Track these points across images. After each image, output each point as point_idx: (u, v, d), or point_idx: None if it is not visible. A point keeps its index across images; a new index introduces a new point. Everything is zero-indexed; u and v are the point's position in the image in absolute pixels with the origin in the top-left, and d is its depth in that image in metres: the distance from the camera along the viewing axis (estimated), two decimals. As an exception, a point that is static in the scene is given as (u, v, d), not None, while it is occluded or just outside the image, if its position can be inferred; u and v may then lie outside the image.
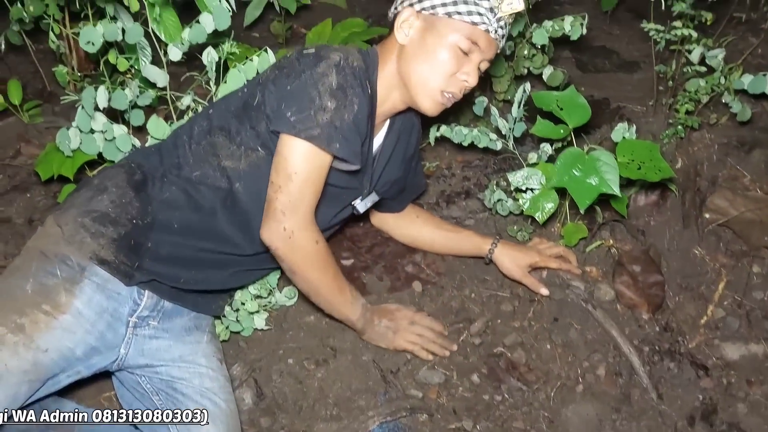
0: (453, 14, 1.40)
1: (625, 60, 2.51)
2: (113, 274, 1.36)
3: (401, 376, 1.59)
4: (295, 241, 1.37)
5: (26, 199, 1.92)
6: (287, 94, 1.35)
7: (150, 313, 1.44)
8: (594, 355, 1.66)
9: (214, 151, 1.43)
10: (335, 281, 1.49)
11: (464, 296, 1.76)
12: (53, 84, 2.27)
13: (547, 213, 1.70)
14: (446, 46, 1.42)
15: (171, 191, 1.42)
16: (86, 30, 1.56)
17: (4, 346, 1.25)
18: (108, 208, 1.39)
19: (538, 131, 1.69)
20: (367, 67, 1.45)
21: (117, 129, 1.67)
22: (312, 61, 1.36)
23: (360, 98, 1.37)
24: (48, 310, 1.30)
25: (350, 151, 1.37)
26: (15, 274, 1.35)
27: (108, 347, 1.38)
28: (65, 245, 1.35)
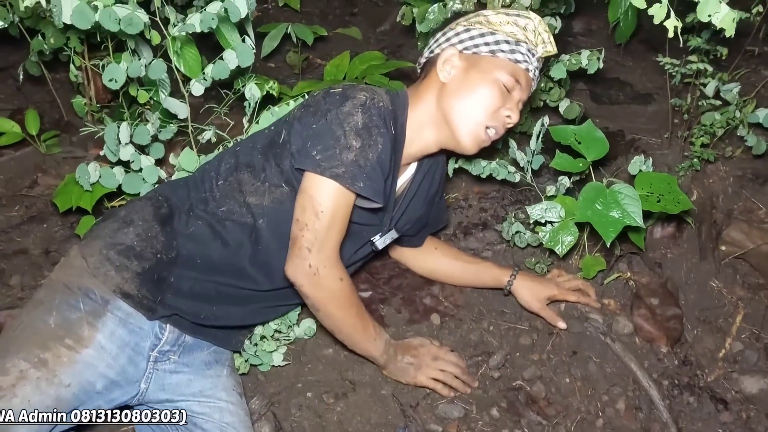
0: (497, 52, 1.45)
1: (639, 92, 2.54)
2: (136, 308, 1.36)
3: (421, 410, 1.58)
4: (320, 278, 1.38)
5: (43, 230, 1.93)
6: (313, 132, 1.36)
7: (171, 348, 1.44)
8: (613, 388, 1.65)
9: (240, 188, 1.44)
10: (359, 318, 1.49)
11: (483, 329, 1.75)
12: (70, 114, 2.30)
13: (567, 246, 1.70)
14: (491, 81, 1.45)
15: (197, 226, 1.42)
16: (110, 67, 1.58)
17: (27, 382, 1.25)
18: (133, 242, 1.39)
19: (557, 165, 1.70)
20: (394, 108, 1.46)
21: (144, 160, 1.68)
22: (338, 100, 1.38)
23: (384, 138, 1.38)
24: (71, 345, 1.30)
25: (374, 189, 1.38)
26: (38, 307, 1.35)
27: (129, 382, 1.37)
28: (89, 278, 1.36)
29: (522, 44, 1.46)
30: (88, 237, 1.44)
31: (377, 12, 3.34)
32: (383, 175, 1.40)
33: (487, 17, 1.49)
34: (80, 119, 2.24)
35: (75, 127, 2.24)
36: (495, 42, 1.45)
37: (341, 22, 3.24)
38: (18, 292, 1.76)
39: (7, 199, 2.00)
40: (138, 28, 1.58)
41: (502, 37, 1.45)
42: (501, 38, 1.45)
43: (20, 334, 1.31)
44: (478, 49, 1.46)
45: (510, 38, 1.45)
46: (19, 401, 1.23)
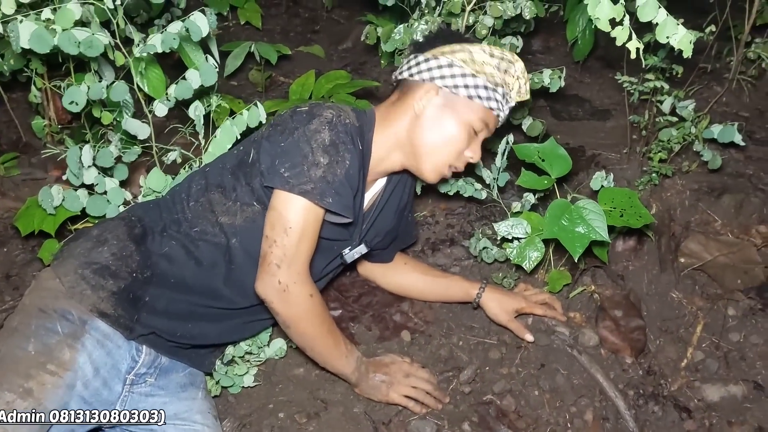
0: (474, 97, 1.47)
1: (598, 108, 2.61)
2: (114, 327, 1.35)
3: (393, 427, 1.59)
4: (290, 295, 1.38)
5: (3, 254, 1.89)
6: (281, 150, 1.37)
7: (147, 370, 1.43)
8: (581, 400, 1.68)
9: (212, 208, 1.44)
10: (330, 335, 1.49)
11: (452, 344, 1.77)
12: (28, 135, 2.26)
13: (534, 261, 1.74)
14: (462, 125, 1.48)
15: (171, 246, 1.42)
16: (70, 90, 1.56)
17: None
18: (108, 261, 1.38)
19: (523, 182, 1.74)
20: (361, 125, 1.48)
21: (109, 182, 1.66)
22: (305, 118, 1.39)
23: (351, 154, 1.40)
24: (53, 370, 1.28)
25: (342, 205, 1.39)
26: (14, 335, 1.32)
27: (103, 404, 1.35)
28: (65, 299, 1.34)
29: (499, 89, 1.48)
30: (60, 257, 1.41)
31: (339, 30, 3.37)
32: (352, 190, 1.42)
33: (471, 54, 1.49)
34: (39, 140, 2.20)
35: (34, 149, 2.20)
36: (474, 86, 1.47)
37: (303, 39, 3.26)
38: (-21, 318, 1.72)
39: (-35, 222, 1.96)
40: (98, 50, 1.56)
41: (482, 82, 1.47)
42: (480, 83, 1.47)
43: (0, 365, 1.28)
44: (458, 90, 1.47)
45: (489, 83, 1.47)
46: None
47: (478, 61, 1.49)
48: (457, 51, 1.50)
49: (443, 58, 1.49)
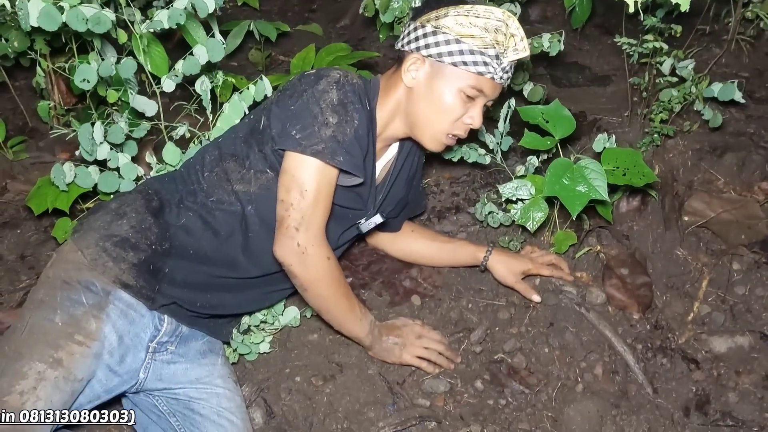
0: (459, 64, 1.43)
1: (597, 74, 2.62)
2: (137, 297, 1.38)
3: (407, 386, 1.62)
4: (308, 257, 1.40)
5: (17, 236, 1.92)
6: (291, 113, 1.39)
7: (169, 339, 1.46)
8: (590, 355, 1.71)
9: (227, 177, 1.46)
10: (345, 299, 1.52)
11: (462, 307, 1.80)
12: (34, 120, 2.28)
13: (538, 222, 1.76)
14: (452, 93, 1.46)
15: (188, 217, 1.44)
16: (81, 68, 1.58)
17: (47, 383, 1.25)
18: (128, 233, 1.40)
19: (526, 143, 1.76)
20: (367, 89, 1.50)
21: (122, 158, 1.68)
22: (313, 80, 1.41)
23: (360, 114, 1.42)
24: (80, 340, 1.31)
25: (353, 163, 1.41)
26: (41, 307, 1.35)
27: (127, 372, 1.39)
28: (88, 271, 1.37)
29: (490, 50, 1.42)
30: (80, 230, 1.44)
31: (336, 7, 3.37)
32: (362, 150, 1.43)
33: (456, 17, 1.44)
34: (45, 124, 2.23)
35: (40, 133, 2.23)
36: (459, 52, 1.43)
37: (301, 18, 3.26)
38: (-4, 296, 1.75)
39: (-22, 206, 1.99)
40: (106, 27, 1.58)
41: (467, 47, 1.42)
42: (465, 48, 1.42)
43: (29, 336, 1.31)
44: (442, 58, 1.44)
45: (475, 47, 1.42)
46: (43, 403, 1.24)
47: (465, 24, 1.43)
48: (442, 16, 1.45)
49: (428, 26, 1.46)
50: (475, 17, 1.44)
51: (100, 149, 1.65)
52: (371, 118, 1.48)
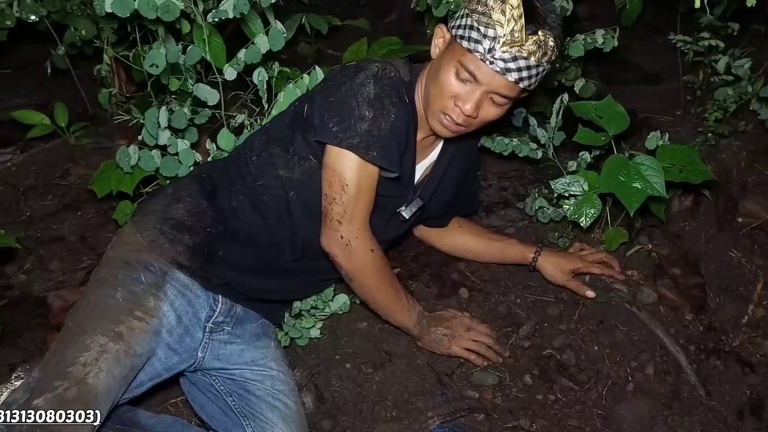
0: (457, 37, 1.38)
1: (648, 73, 2.59)
2: (192, 277, 1.42)
3: (456, 378, 1.63)
4: (352, 249, 1.43)
5: (78, 218, 1.98)
6: (330, 105, 1.40)
7: (225, 319, 1.50)
8: (641, 354, 1.70)
9: (272, 161, 1.49)
10: (391, 288, 1.54)
11: (510, 301, 1.80)
12: (94, 107, 2.34)
13: (591, 218, 1.75)
14: (447, 66, 1.40)
15: (238, 201, 1.48)
16: (151, 53, 1.63)
17: (109, 356, 1.29)
18: (184, 217, 1.45)
19: (580, 138, 1.75)
20: (412, 80, 1.50)
21: (181, 144, 1.73)
22: (352, 72, 1.42)
23: (397, 107, 1.41)
24: (140, 316, 1.35)
25: (388, 158, 1.41)
26: (103, 285, 1.39)
27: (187, 351, 1.43)
28: (146, 252, 1.41)
29: (489, 30, 1.33)
30: (139, 214, 1.49)
31: (383, 3, 3.39)
32: (398, 145, 1.43)
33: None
34: (105, 112, 2.28)
35: (100, 120, 2.29)
36: (462, 26, 1.37)
37: (348, 13, 3.28)
38: (59, 275, 1.81)
39: (41, 188, 2.05)
40: (174, 15, 1.63)
41: (470, 21, 1.35)
42: (468, 22, 1.35)
43: (91, 311, 1.35)
44: (452, 30, 1.40)
45: (476, 23, 1.34)
46: (104, 375, 1.27)
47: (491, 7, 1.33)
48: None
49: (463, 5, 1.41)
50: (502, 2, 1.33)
51: (161, 135, 1.69)
52: (410, 111, 1.47)
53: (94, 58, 2.25)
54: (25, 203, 2.01)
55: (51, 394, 1.23)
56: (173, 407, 1.58)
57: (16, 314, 1.72)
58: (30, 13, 1.97)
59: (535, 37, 1.34)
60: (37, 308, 1.74)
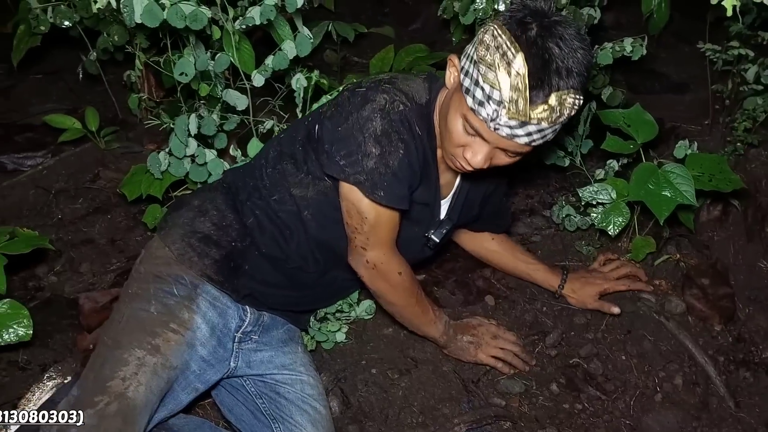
0: (463, 89, 1.28)
1: (675, 81, 2.58)
2: (222, 289, 1.43)
3: (482, 385, 1.63)
4: (379, 272, 1.44)
5: (108, 221, 2.00)
6: (337, 135, 1.34)
7: (253, 328, 1.51)
8: (669, 365, 1.68)
9: (285, 178, 1.46)
10: (418, 306, 1.54)
11: (536, 309, 1.80)
12: (124, 111, 2.37)
13: (619, 227, 1.75)
14: (455, 117, 1.32)
15: (256, 216, 1.47)
16: (180, 62, 1.65)
17: (148, 369, 1.30)
18: (210, 230, 1.45)
19: (608, 146, 1.75)
20: (428, 99, 1.40)
21: (209, 154, 1.74)
22: (359, 102, 1.34)
23: (407, 143, 1.33)
24: (176, 328, 1.36)
25: (395, 197, 1.35)
26: (135, 299, 1.40)
27: (219, 361, 1.44)
28: (176, 265, 1.42)
29: (495, 92, 1.21)
30: (166, 227, 1.49)
31: (408, 11, 3.40)
32: (409, 180, 1.36)
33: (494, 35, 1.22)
34: (134, 117, 2.32)
35: (129, 124, 2.32)
36: (469, 75, 1.26)
37: (373, 21, 3.30)
38: (89, 278, 1.83)
39: (72, 191, 2.08)
40: (202, 23, 1.64)
41: (476, 74, 1.24)
42: (476, 74, 1.24)
43: (126, 325, 1.36)
44: (461, 79, 1.29)
45: (483, 79, 1.22)
46: (144, 388, 1.27)
47: (491, 46, 1.22)
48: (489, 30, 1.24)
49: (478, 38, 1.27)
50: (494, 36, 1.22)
51: (189, 144, 1.71)
52: (424, 141, 1.38)
53: (124, 64, 2.28)
54: (56, 206, 2.04)
55: (92, 410, 1.23)
56: (201, 409, 1.59)
57: (47, 315, 1.74)
58: (64, 18, 2.00)
59: (546, 105, 1.21)
60: (68, 309, 1.77)
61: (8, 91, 2.59)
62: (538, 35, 1.20)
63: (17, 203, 2.07)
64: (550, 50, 1.19)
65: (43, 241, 1.66)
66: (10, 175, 2.16)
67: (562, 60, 1.20)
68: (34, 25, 2.02)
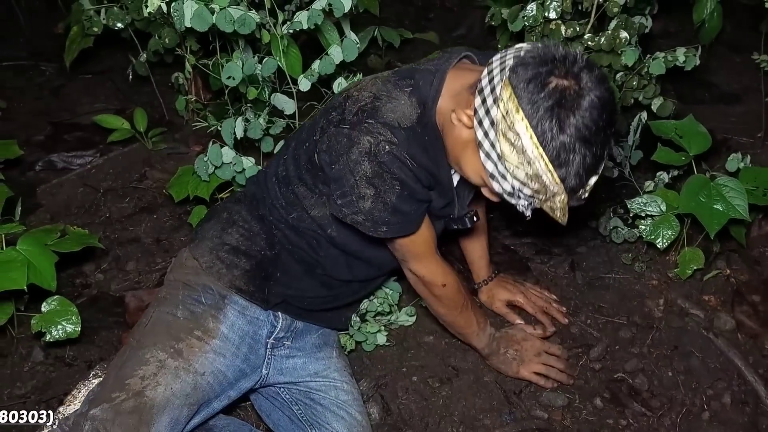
0: (487, 171, 1.23)
1: (726, 92, 2.52)
2: (251, 300, 1.44)
3: (524, 397, 1.61)
4: (422, 282, 1.46)
5: (153, 220, 2.03)
6: (332, 175, 1.31)
7: (285, 334, 1.51)
8: (717, 383, 1.64)
9: (300, 202, 1.43)
10: (463, 315, 1.54)
11: (581, 322, 1.77)
12: (170, 113, 2.41)
13: (667, 240, 1.71)
14: (471, 173, 1.30)
15: (280, 229, 1.46)
16: (229, 66, 1.67)
17: (167, 371, 1.31)
18: (239, 242, 1.45)
19: (659, 158, 1.72)
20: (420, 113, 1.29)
21: (246, 161, 1.76)
22: (346, 144, 1.27)
23: (402, 180, 1.28)
24: (200, 336, 1.37)
25: (401, 227, 1.34)
26: (163, 303, 1.42)
27: (252, 368, 1.44)
28: (205, 275, 1.43)
29: (525, 188, 1.20)
30: (196, 239, 1.50)
31: (452, 17, 3.39)
32: (413, 203, 1.32)
33: (520, 110, 1.14)
34: (180, 118, 2.35)
35: (176, 126, 2.35)
36: (495, 166, 1.21)
37: (417, 27, 3.30)
38: (135, 276, 1.86)
39: (119, 190, 2.11)
40: (250, 28, 1.67)
41: (515, 180, 1.20)
42: (509, 176, 1.20)
43: (152, 327, 1.38)
44: (478, 140, 1.22)
45: (508, 173, 1.20)
46: (162, 389, 1.29)
47: (513, 139, 1.16)
48: (512, 110, 1.15)
49: (496, 97, 1.17)
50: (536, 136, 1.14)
51: (225, 154, 1.73)
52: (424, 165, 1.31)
53: (171, 66, 2.32)
54: (104, 204, 2.08)
55: (108, 405, 1.26)
56: (242, 411, 1.59)
57: (94, 312, 1.77)
58: (116, 20, 2.04)
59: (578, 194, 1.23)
60: (114, 307, 1.79)
61: (58, 90, 2.65)
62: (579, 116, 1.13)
63: (66, 201, 2.11)
64: (598, 143, 1.16)
65: (92, 240, 1.69)
66: (59, 173, 2.21)
67: (605, 144, 1.19)
68: (87, 27, 2.06)
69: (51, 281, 1.56)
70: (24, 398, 1.60)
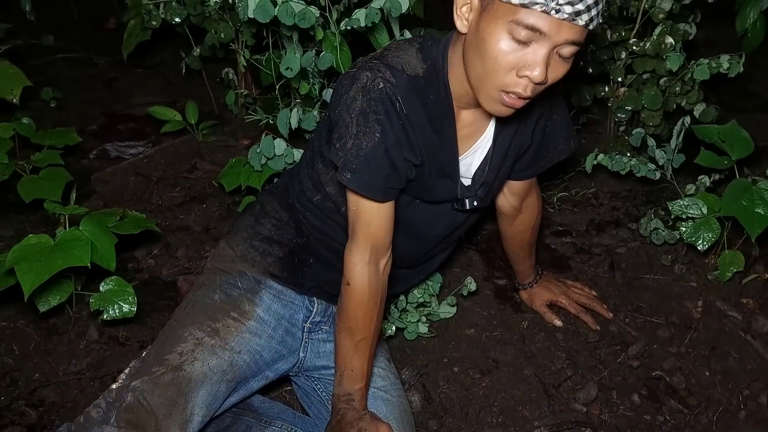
0: None
1: (767, 101, 2.52)
2: (285, 285, 1.49)
3: (563, 390, 1.64)
4: (345, 269, 1.38)
5: (203, 209, 2.10)
6: (333, 118, 1.31)
7: (322, 318, 1.55)
8: (755, 383, 1.66)
9: (319, 178, 1.45)
10: (349, 340, 1.38)
11: (619, 320, 1.80)
12: (219, 106, 2.48)
13: (708, 242, 1.73)
14: (499, 35, 1.12)
15: (305, 216, 1.50)
16: (287, 57, 1.73)
17: (204, 348, 1.38)
18: (271, 232, 1.51)
19: (702, 161, 1.74)
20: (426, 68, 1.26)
21: (297, 153, 1.82)
22: (348, 82, 1.26)
23: (383, 125, 1.23)
24: (236, 317, 1.43)
25: (363, 183, 1.26)
26: (202, 288, 1.49)
27: (289, 351, 1.49)
28: (240, 263, 1.49)
29: None
30: (231, 231, 1.56)
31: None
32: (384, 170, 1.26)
33: None
34: (229, 112, 2.43)
35: (225, 119, 2.43)
36: None
37: (457, 30, 3.35)
38: (185, 262, 1.93)
39: (171, 180, 2.19)
40: (310, 22, 1.73)
41: None
42: None
43: (191, 309, 1.45)
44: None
45: None
46: (200, 364, 1.35)
47: None
48: None
49: None
50: None
51: (277, 146, 1.79)
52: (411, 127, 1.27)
53: (221, 61, 2.40)
54: (156, 193, 2.16)
55: (148, 377, 1.33)
56: (288, 394, 1.65)
57: (146, 295, 1.84)
58: (175, 15, 2.12)
59: None
60: (165, 291, 1.87)
61: (111, 83, 2.75)
62: None
63: (119, 188, 2.19)
64: None
65: (150, 224, 1.77)
66: (113, 161, 2.29)
67: None
68: (146, 20, 2.14)
69: (111, 262, 1.63)
70: (79, 374, 1.67)
